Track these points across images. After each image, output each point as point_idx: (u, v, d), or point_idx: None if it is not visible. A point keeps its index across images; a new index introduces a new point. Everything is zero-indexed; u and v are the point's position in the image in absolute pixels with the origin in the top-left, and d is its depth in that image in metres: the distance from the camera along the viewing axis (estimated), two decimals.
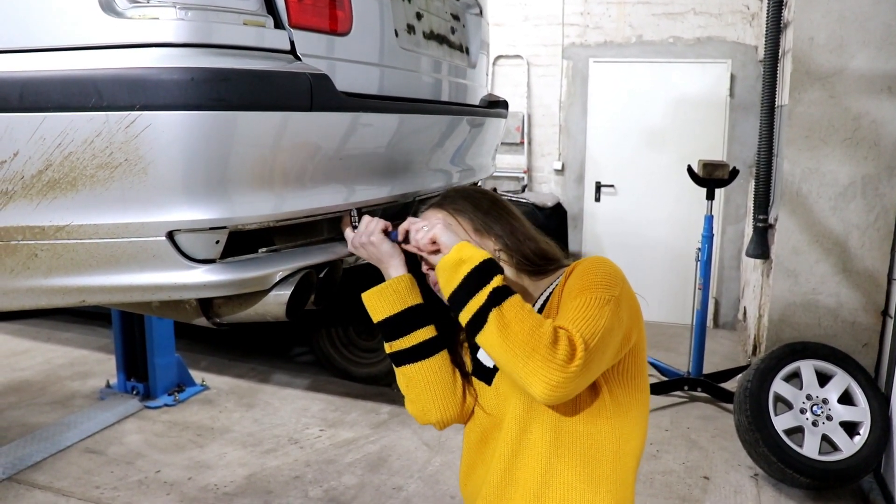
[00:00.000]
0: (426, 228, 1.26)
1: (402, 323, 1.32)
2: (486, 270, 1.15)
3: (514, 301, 1.12)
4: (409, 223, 1.31)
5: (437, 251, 1.25)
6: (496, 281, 1.14)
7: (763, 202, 3.68)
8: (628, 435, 1.27)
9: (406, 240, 1.32)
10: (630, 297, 1.22)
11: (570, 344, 1.07)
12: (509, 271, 1.32)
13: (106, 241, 1.25)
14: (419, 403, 1.35)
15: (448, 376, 1.34)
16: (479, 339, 1.13)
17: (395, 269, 1.33)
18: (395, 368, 1.36)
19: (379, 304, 1.33)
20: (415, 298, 1.33)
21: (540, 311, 1.29)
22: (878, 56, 3.18)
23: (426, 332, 1.33)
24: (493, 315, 1.10)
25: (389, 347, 1.34)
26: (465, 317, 1.15)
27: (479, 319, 1.12)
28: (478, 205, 1.36)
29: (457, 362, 1.38)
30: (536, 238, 1.36)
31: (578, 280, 1.20)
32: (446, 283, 1.18)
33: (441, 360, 1.34)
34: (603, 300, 1.15)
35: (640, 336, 1.25)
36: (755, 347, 4.30)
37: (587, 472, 1.24)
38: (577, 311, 1.13)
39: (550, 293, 1.30)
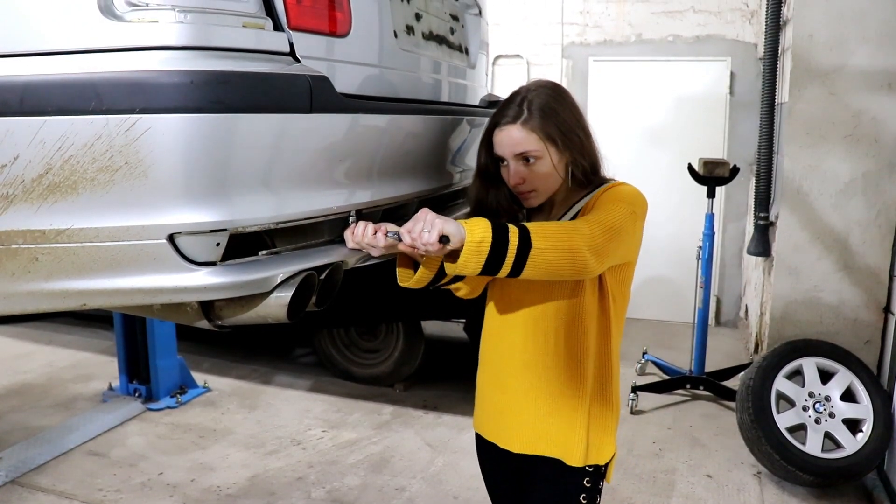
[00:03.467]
0: (427, 230, 1.25)
1: (435, 280, 1.47)
2: (501, 236, 1.28)
3: (535, 232, 1.29)
4: (408, 232, 1.29)
5: (446, 244, 1.26)
6: (513, 236, 1.28)
7: (764, 200, 3.68)
8: (607, 325, 1.53)
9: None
10: (642, 224, 1.50)
11: (588, 225, 1.36)
12: (563, 180, 1.53)
13: (107, 245, 1.25)
14: (464, 291, 1.61)
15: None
16: (527, 275, 1.30)
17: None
18: None
19: (417, 284, 1.47)
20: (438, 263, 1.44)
21: (577, 214, 1.51)
22: (878, 53, 3.17)
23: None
24: (531, 256, 1.28)
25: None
26: (504, 272, 1.30)
27: (519, 266, 1.29)
28: (562, 126, 1.48)
29: None
30: (595, 153, 1.56)
31: (611, 195, 1.49)
32: (476, 265, 1.28)
33: None
34: (626, 210, 1.44)
35: (634, 258, 1.56)
36: (757, 345, 4.30)
37: (573, 342, 1.51)
38: (605, 212, 1.42)
39: (586, 202, 1.52)
